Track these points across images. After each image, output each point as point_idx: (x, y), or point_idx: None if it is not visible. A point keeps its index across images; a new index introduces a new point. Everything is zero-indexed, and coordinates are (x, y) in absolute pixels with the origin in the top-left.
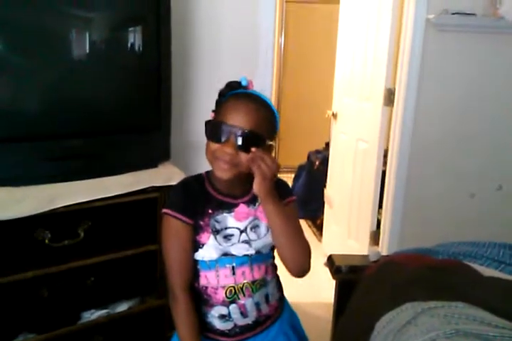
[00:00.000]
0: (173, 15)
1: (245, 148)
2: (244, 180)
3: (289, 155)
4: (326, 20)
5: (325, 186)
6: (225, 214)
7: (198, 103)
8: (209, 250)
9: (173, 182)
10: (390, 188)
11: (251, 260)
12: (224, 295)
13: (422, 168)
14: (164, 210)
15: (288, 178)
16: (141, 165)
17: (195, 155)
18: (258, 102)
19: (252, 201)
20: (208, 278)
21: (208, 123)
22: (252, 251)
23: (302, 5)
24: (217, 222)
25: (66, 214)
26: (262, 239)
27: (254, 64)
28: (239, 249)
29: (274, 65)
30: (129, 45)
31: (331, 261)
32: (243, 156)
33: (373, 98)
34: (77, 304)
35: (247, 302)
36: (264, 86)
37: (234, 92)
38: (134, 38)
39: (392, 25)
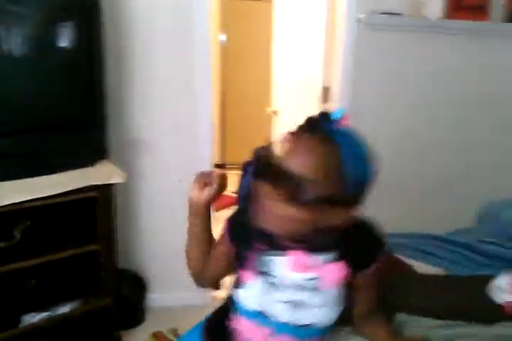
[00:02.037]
0: (106, 11)
1: None
2: None
3: (235, 152)
4: (267, 17)
5: None
6: (275, 257)
7: (136, 98)
8: (249, 297)
9: (111, 181)
10: None
11: (295, 331)
12: None
13: None
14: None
15: (236, 175)
16: (78, 163)
17: (134, 153)
18: None
19: (317, 249)
20: (242, 325)
21: None
22: (296, 321)
23: (242, 2)
24: (265, 262)
25: (0, 215)
26: (321, 310)
27: (190, 59)
28: (280, 311)
29: (217, 62)
30: (59, 39)
31: None
32: None
33: (311, 96)
34: (18, 307)
35: None
36: (203, 84)
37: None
38: (65, 32)
39: (327, 24)
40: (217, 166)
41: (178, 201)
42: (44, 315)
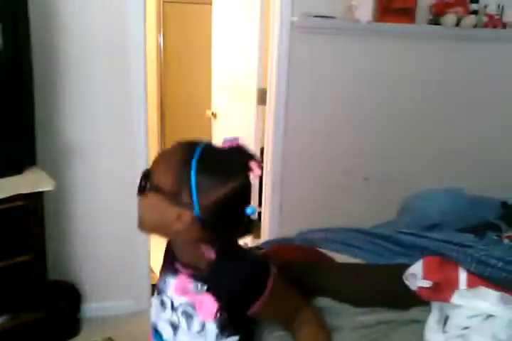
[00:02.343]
0: (34, 11)
1: None
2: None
3: None
4: (205, 20)
5: None
6: (169, 278)
7: (69, 102)
8: (151, 311)
9: (40, 189)
10: (268, 185)
11: None
12: None
13: (295, 164)
14: None
15: None
16: (5, 171)
17: (67, 158)
18: None
19: (200, 278)
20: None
21: None
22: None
23: (181, 5)
24: (163, 281)
25: None
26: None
27: (125, 62)
28: (164, 331)
29: (155, 65)
30: None
31: None
32: None
33: (248, 98)
34: None
35: None
36: (139, 88)
37: None
38: None
39: (261, 27)
40: None
41: (113, 208)
42: None
